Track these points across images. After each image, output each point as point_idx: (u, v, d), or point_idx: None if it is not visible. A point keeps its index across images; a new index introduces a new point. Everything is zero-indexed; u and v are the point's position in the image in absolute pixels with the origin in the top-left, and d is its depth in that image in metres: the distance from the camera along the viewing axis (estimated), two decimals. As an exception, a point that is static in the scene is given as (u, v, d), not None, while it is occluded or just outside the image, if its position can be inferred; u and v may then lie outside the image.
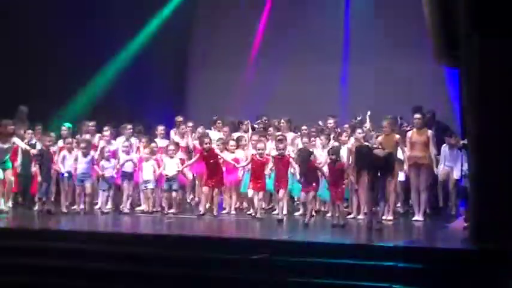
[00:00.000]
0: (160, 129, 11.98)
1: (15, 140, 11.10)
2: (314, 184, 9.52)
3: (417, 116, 10.14)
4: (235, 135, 11.77)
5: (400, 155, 10.00)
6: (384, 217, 9.93)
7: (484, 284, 6.39)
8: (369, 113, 11.16)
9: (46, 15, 13.68)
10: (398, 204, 10.73)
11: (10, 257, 8.14)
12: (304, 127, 11.66)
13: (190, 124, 12.11)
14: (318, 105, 14.10)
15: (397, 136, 10.01)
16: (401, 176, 10.45)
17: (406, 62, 14.48)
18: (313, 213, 10.00)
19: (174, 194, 10.69)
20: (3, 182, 10.90)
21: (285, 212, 10.55)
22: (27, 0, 13.36)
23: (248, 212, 10.54)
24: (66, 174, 10.79)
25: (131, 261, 7.81)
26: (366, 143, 9.77)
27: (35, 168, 11.14)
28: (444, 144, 10.55)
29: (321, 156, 10.41)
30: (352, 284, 6.76)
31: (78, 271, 7.71)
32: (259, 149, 10.13)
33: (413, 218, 9.98)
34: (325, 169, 9.78)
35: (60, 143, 11.46)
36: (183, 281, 7.30)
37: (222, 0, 16.66)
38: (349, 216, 10.13)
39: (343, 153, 10.06)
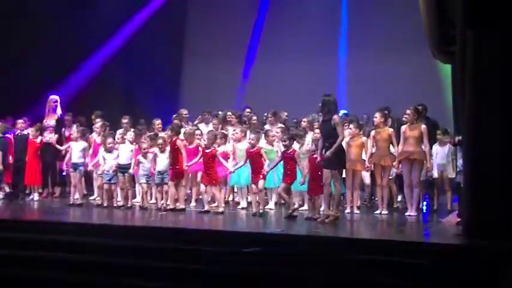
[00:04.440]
0: (158, 123, 11.88)
1: None
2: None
3: (407, 111, 10.00)
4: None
5: (392, 149, 10.01)
6: (378, 211, 10.08)
7: (476, 279, 6.38)
8: None
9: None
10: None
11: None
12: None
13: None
14: (314, 100, 14.05)
15: (390, 130, 9.97)
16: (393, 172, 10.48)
17: (404, 59, 14.52)
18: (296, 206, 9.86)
19: (166, 187, 10.60)
20: None
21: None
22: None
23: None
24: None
25: (126, 253, 7.81)
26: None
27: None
28: (436, 144, 10.51)
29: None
30: (342, 278, 6.75)
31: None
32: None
33: (407, 213, 9.96)
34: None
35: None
36: (175, 273, 7.27)
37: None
38: (347, 211, 10.19)
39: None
